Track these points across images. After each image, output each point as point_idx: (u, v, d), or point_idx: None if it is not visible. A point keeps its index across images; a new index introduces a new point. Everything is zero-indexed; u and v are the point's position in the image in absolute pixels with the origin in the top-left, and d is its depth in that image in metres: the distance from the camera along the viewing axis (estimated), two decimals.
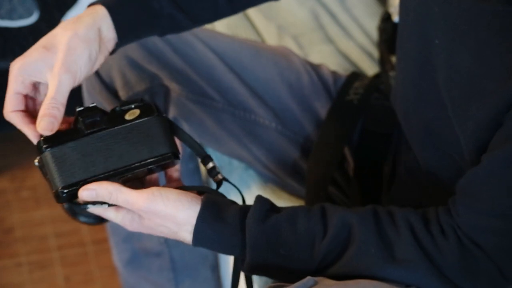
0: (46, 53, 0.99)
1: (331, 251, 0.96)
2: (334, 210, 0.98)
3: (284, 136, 1.30)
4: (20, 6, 1.90)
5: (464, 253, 0.93)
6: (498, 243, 0.92)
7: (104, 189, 0.95)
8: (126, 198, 0.95)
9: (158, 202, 0.95)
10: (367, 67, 1.60)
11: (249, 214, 0.97)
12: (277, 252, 0.96)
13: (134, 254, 1.44)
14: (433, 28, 0.98)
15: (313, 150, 1.27)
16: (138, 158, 0.97)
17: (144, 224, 0.98)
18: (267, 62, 1.31)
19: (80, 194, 0.95)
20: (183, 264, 1.45)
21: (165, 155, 0.98)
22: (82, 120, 0.97)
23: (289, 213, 0.98)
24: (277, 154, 1.31)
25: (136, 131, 0.98)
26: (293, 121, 1.30)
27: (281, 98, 1.29)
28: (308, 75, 1.31)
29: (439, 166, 1.07)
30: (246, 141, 1.31)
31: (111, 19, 1.03)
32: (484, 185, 0.91)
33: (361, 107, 1.29)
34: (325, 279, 0.93)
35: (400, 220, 0.96)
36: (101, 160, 0.96)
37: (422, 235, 0.94)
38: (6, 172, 2.05)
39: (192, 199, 0.97)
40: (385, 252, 0.95)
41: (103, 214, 0.98)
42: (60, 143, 0.96)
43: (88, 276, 1.87)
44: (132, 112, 0.99)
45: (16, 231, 1.94)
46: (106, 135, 0.97)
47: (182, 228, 0.97)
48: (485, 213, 0.91)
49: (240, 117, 1.30)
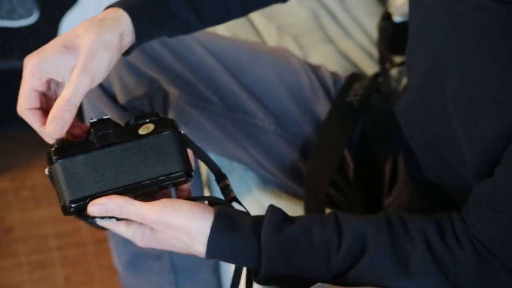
0: (66, 53, 0.96)
1: (345, 262, 0.94)
2: (347, 220, 0.96)
3: (284, 139, 1.30)
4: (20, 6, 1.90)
5: (481, 263, 0.92)
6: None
7: (114, 203, 0.93)
8: (137, 211, 0.93)
9: (171, 213, 0.93)
10: (367, 67, 1.60)
11: (263, 225, 0.95)
12: (293, 263, 0.95)
13: (134, 256, 1.43)
14: (441, 40, 0.97)
15: (313, 152, 1.27)
16: (150, 175, 0.95)
17: (156, 237, 0.96)
18: (266, 64, 1.31)
19: (89, 209, 0.93)
20: (184, 267, 1.45)
21: (177, 173, 0.95)
22: (94, 133, 0.95)
23: (303, 223, 0.97)
24: (277, 156, 1.31)
25: (149, 147, 0.95)
26: (293, 123, 1.29)
27: (280, 100, 1.29)
28: (308, 77, 1.31)
29: (440, 173, 1.06)
30: (246, 144, 1.31)
31: (132, 25, 1.01)
32: (502, 197, 0.90)
33: (361, 109, 1.28)
34: (334, 286, 0.92)
35: (415, 231, 0.95)
36: (111, 175, 0.94)
37: (437, 246, 0.93)
38: (6, 172, 2.05)
39: (204, 210, 0.95)
40: (399, 265, 0.93)
41: (113, 228, 0.97)
42: (70, 155, 0.94)
43: (88, 276, 1.87)
44: (146, 127, 0.96)
45: (16, 231, 1.94)
46: (118, 150, 0.95)
47: (195, 240, 0.95)
48: (502, 224, 0.90)
49: (239, 121, 1.29)
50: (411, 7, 1.07)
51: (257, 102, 1.29)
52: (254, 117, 1.29)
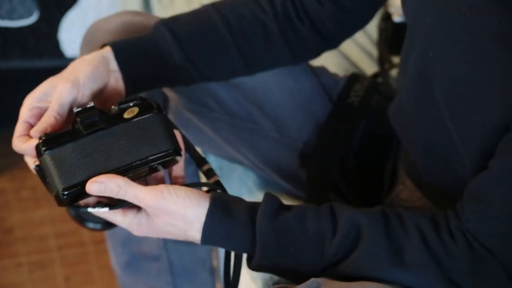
0: (52, 79, 1.04)
1: (339, 251, 0.95)
2: (342, 210, 0.97)
3: (283, 144, 1.29)
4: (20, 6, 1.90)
5: (474, 257, 0.92)
6: (509, 248, 0.91)
7: (113, 183, 0.93)
8: (135, 192, 0.94)
9: (168, 199, 0.94)
10: (367, 67, 1.60)
11: (259, 211, 0.96)
12: (286, 250, 0.96)
13: (132, 257, 1.43)
14: (426, 41, 0.97)
15: (313, 154, 1.27)
16: (139, 156, 0.96)
17: (152, 224, 0.97)
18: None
19: (89, 187, 0.93)
20: (181, 268, 1.45)
21: (166, 151, 0.97)
22: (80, 121, 0.96)
23: (298, 211, 0.97)
24: (276, 162, 1.30)
25: (136, 129, 0.97)
26: (293, 128, 1.29)
27: (280, 105, 1.28)
28: (308, 78, 1.30)
29: (437, 173, 1.07)
30: (244, 150, 1.30)
31: (113, 54, 1.09)
32: (495, 190, 0.90)
33: (361, 109, 1.28)
34: (328, 280, 0.93)
35: (410, 224, 0.95)
36: (101, 160, 0.95)
37: (432, 240, 0.94)
38: (6, 172, 2.05)
39: (200, 196, 0.96)
40: (393, 255, 0.94)
41: (109, 217, 0.97)
42: (59, 144, 0.95)
43: (88, 276, 1.87)
44: (131, 110, 0.97)
45: (16, 231, 1.94)
46: (105, 135, 0.96)
47: (191, 226, 0.96)
48: (496, 219, 0.90)
49: (237, 127, 1.29)
50: (402, 10, 1.07)
51: (256, 108, 1.28)
52: (252, 123, 1.28)
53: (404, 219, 0.96)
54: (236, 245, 0.97)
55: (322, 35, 1.17)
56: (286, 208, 0.98)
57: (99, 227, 1.07)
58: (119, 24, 1.26)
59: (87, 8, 1.98)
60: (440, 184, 1.07)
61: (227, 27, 1.13)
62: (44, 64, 1.96)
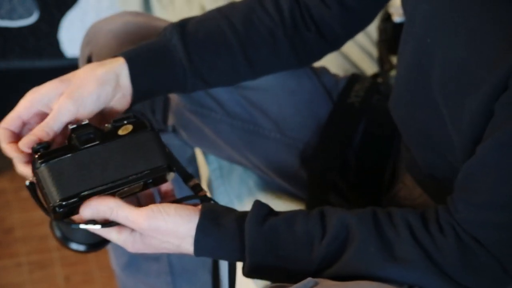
0: (59, 83, 1.03)
1: (330, 252, 0.96)
2: (333, 212, 0.98)
3: (284, 145, 1.29)
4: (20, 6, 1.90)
5: (464, 250, 0.93)
6: (499, 237, 0.92)
7: (105, 205, 0.95)
8: (126, 215, 0.96)
9: (159, 218, 0.96)
10: (367, 67, 1.60)
11: (247, 219, 0.97)
12: (275, 254, 0.96)
13: (132, 258, 1.44)
14: (424, 27, 0.98)
15: (314, 154, 1.27)
16: (134, 170, 0.98)
17: (146, 242, 0.98)
18: None
19: (82, 211, 0.96)
20: (181, 268, 1.45)
21: (160, 167, 0.99)
22: (76, 137, 0.98)
23: (287, 216, 0.98)
24: (277, 163, 1.31)
25: (131, 145, 0.99)
26: (293, 128, 1.29)
27: (281, 105, 1.29)
28: (309, 79, 1.31)
29: (435, 167, 1.07)
30: (245, 151, 1.31)
31: (127, 66, 1.07)
32: (480, 176, 0.91)
33: (362, 109, 1.28)
34: (325, 280, 0.93)
35: (399, 220, 0.96)
36: (97, 173, 0.97)
37: (420, 235, 0.94)
38: (6, 172, 2.05)
39: (190, 212, 0.97)
40: (384, 251, 0.95)
41: (104, 234, 0.99)
42: (56, 157, 0.97)
43: (88, 276, 1.87)
44: (125, 128, 1.00)
45: (16, 231, 1.94)
46: (101, 149, 0.98)
47: (183, 241, 0.98)
48: (484, 207, 0.91)
49: (238, 128, 1.29)
50: (402, 4, 1.07)
51: (257, 108, 1.28)
52: (253, 124, 1.29)
53: (393, 216, 0.97)
54: (227, 254, 0.99)
55: (327, 39, 1.18)
56: (275, 214, 0.99)
57: (82, 248, 1.08)
58: (119, 24, 1.26)
59: (87, 8, 1.98)
60: (438, 179, 1.08)
61: (235, 35, 1.14)
62: (44, 64, 1.96)
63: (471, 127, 0.92)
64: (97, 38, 1.27)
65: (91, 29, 1.30)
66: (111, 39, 1.25)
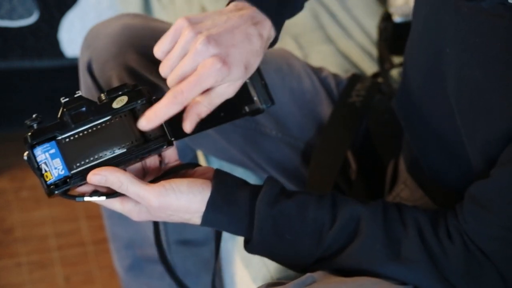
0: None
1: (336, 241, 0.96)
2: (344, 202, 0.98)
3: (286, 144, 1.30)
4: (20, 6, 1.90)
5: (469, 258, 0.93)
6: (504, 252, 0.92)
7: (115, 178, 0.92)
8: (137, 191, 0.93)
9: (171, 196, 0.94)
10: (367, 67, 1.60)
11: (259, 197, 0.96)
12: (282, 237, 0.96)
13: (135, 260, 1.43)
14: (444, 37, 0.97)
15: (315, 154, 1.27)
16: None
17: (153, 214, 0.96)
18: (269, 69, 1.30)
19: (89, 178, 0.92)
20: (185, 270, 1.45)
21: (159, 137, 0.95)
22: (67, 112, 0.94)
23: (299, 199, 0.98)
24: (279, 161, 1.31)
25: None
26: (295, 127, 1.29)
27: (282, 105, 1.28)
28: (310, 79, 1.31)
29: (441, 168, 1.07)
30: (247, 150, 1.31)
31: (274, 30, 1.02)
32: (495, 198, 0.91)
33: (363, 109, 1.28)
34: (324, 275, 0.94)
35: (409, 218, 0.96)
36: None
37: (429, 237, 0.94)
38: (6, 172, 2.06)
39: (203, 187, 0.95)
40: (390, 249, 0.95)
41: (107, 204, 0.96)
42: (47, 138, 0.94)
43: (88, 276, 1.87)
44: (120, 100, 0.96)
45: (16, 231, 1.94)
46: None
47: (194, 215, 0.96)
48: (493, 224, 0.91)
49: (240, 126, 1.29)
50: (415, 2, 1.07)
51: None
52: (255, 123, 1.29)
53: (403, 213, 0.97)
54: (235, 230, 0.98)
55: None
56: (287, 195, 0.98)
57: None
58: (117, 28, 1.26)
59: (87, 8, 1.98)
60: (442, 182, 1.07)
61: None
62: (44, 64, 1.96)
63: (484, 146, 0.93)
64: (96, 42, 1.26)
65: (89, 33, 1.30)
66: (109, 44, 1.25)
